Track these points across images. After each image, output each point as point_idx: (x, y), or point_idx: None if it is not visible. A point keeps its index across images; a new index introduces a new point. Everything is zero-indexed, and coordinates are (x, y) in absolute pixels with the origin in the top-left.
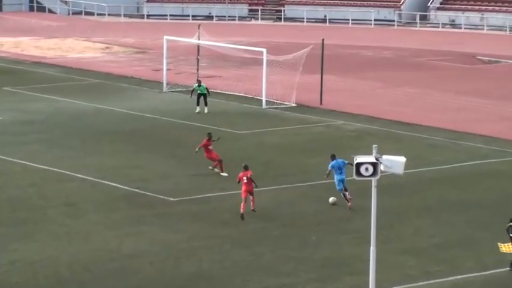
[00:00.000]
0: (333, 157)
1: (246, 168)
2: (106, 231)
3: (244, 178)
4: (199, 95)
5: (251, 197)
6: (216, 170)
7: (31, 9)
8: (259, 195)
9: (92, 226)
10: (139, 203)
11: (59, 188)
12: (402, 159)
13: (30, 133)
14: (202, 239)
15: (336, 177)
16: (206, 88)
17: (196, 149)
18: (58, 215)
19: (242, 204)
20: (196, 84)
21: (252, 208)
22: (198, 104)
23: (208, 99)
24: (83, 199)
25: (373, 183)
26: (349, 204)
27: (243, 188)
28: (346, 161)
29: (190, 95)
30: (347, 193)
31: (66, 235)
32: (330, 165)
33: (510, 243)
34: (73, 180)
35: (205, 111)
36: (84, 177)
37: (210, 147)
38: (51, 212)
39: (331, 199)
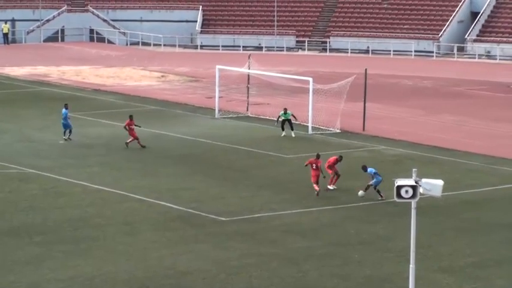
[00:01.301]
0: (365, 168)
1: (318, 156)
2: (162, 249)
3: (314, 165)
4: (283, 121)
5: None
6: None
7: (91, 39)
8: (305, 216)
9: (149, 244)
10: (193, 222)
11: (118, 208)
12: (440, 182)
13: (90, 156)
14: (251, 257)
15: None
16: (292, 114)
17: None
18: (116, 233)
19: (315, 186)
20: (282, 112)
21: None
22: (283, 129)
23: (260, 125)
24: (140, 219)
25: (413, 205)
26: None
27: (312, 173)
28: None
29: (276, 123)
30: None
31: (124, 253)
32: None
33: None
34: (131, 201)
35: (292, 135)
36: (141, 198)
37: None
38: (109, 231)
39: (360, 192)
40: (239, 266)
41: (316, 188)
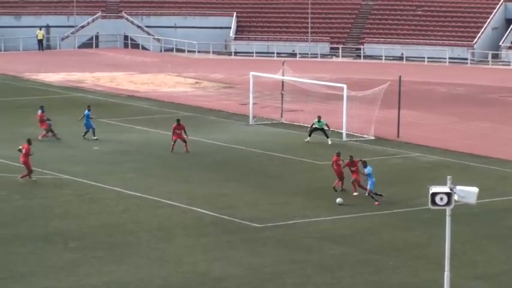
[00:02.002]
0: (365, 163)
1: (338, 154)
2: (196, 255)
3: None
4: (315, 129)
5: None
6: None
7: (126, 46)
8: (339, 222)
9: (183, 250)
10: (227, 228)
11: (152, 214)
12: (475, 189)
13: (124, 162)
14: (285, 263)
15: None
16: (326, 124)
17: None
18: (151, 239)
19: (336, 182)
20: (316, 120)
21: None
22: (309, 135)
23: (294, 131)
24: (174, 225)
25: (448, 212)
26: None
27: (335, 167)
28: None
29: (308, 131)
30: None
31: (159, 258)
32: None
33: None
34: (165, 207)
35: (329, 142)
36: (176, 204)
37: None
38: (144, 237)
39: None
40: (273, 273)
41: (335, 184)
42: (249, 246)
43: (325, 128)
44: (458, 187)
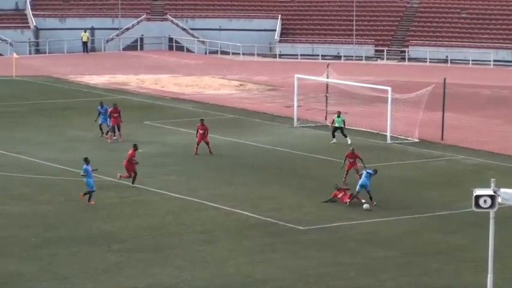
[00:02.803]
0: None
1: (353, 151)
2: (239, 258)
3: (350, 160)
4: (335, 128)
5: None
6: None
7: (170, 48)
8: (382, 225)
9: (226, 253)
10: (270, 231)
11: (195, 216)
12: None
13: (168, 165)
14: (329, 266)
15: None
16: (343, 121)
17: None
18: (194, 241)
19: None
20: (336, 116)
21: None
22: (333, 136)
23: (339, 134)
24: (217, 227)
25: (491, 215)
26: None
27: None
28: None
29: (330, 126)
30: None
31: (202, 261)
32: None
33: None
34: (208, 209)
35: (348, 141)
36: (219, 206)
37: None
38: (187, 239)
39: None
40: (317, 275)
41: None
42: (292, 248)
43: (342, 124)
44: (502, 190)
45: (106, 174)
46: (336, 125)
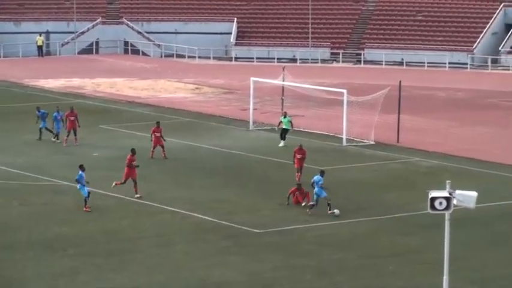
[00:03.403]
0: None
1: (300, 147)
2: (195, 261)
3: (298, 155)
4: (283, 130)
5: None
6: None
7: (126, 51)
8: (338, 227)
9: (182, 256)
10: (226, 234)
11: (152, 220)
12: (474, 194)
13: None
14: (285, 269)
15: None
16: (290, 121)
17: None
18: (150, 245)
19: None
20: (282, 116)
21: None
22: (283, 139)
23: (295, 137)
24: (173, 231)
25: (447, 217)
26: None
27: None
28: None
29: (276, 128)
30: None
31: (158, 265)
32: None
33: None
34: (164, 213)
35: (281, 144)
36: (175, 210)
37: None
38: (143, 243)
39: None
40: (272, 278)
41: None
42: (248, 251)
43: (290, 127)
44: (457, 191)
45: (61, 178)
46: (284, 126)
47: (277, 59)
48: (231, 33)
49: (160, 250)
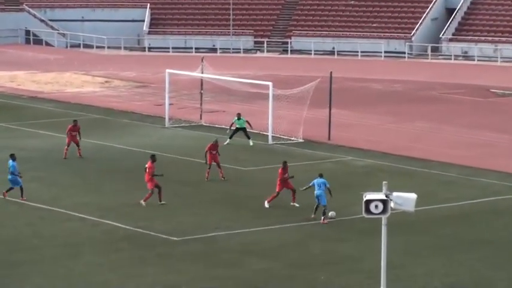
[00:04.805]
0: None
1: (216, 142)
2: (107, 273)
3: (213, 151)
4: (237, 129)
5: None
6: None
7: (27, 41)
8: (265, 234)
9: (92, 268)
10: (141, 243)
11: (58, 228)
12: (413, 196)
13: (26, 171)
14: (205, 280)
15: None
16: (246, 121)
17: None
18: (56, 256)
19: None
20: (236, 118)
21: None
22: (230, 138)
23: (215, 135)
24: (82, 239)
25: (383, 221)
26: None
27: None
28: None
29: (228, 130)
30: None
31: (65, 277)
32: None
33: None
34: (72, 220)
35: (250, 143)
36: (84, 216)
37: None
38: (49, 253)
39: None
40: None
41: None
42: (165, 262)
43: (247, 126)
44: (395, 193)
45: None
46: (237, 125)
47: (195, 48)
48: (143, 21)
49: (67, 261)
